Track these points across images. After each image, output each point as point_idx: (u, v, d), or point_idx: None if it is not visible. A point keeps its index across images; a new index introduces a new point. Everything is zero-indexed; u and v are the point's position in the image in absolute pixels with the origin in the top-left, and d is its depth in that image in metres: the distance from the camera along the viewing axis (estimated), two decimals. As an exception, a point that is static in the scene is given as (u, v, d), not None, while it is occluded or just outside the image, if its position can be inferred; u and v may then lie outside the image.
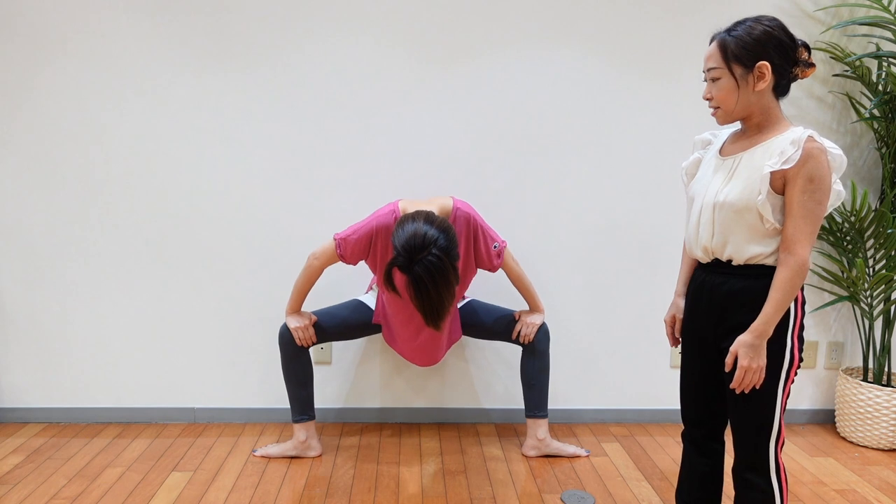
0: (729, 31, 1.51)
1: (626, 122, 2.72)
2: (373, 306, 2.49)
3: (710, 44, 1.55)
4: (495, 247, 2.34)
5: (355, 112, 2.66)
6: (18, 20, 2.55)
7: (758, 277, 1.51)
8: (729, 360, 1.52)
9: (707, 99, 1.57)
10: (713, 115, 1.58)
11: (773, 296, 1.46)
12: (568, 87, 2.69)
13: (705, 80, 1.57)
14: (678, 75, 2.70)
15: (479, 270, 2.55)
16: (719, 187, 1.54)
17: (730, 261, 1.56)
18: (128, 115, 2.62)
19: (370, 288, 2.62)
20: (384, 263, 2.25)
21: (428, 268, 1.93)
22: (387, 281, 1.99)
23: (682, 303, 1.76)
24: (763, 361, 1.48)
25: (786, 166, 1.43)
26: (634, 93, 2.71)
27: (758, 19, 1.49)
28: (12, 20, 2.55)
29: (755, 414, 1.53)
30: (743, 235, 1.51)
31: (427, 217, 2.02)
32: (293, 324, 2.39)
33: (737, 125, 1.64)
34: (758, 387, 1.51)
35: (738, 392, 1.53)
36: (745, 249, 1.51)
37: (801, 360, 1.54)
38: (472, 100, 2.68)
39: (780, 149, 1.46)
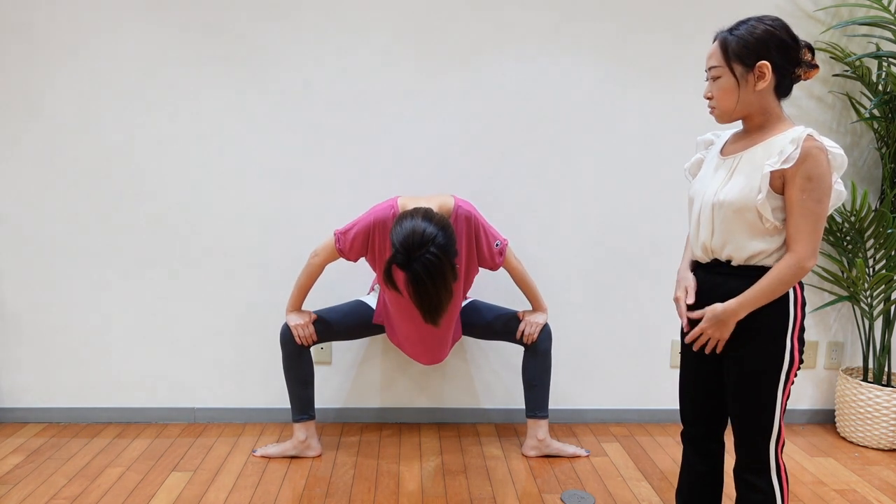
0: (731, 30, 1.51)
1: (628, 123, 2.72)
2: (374, 307, 2.48)
3: (713, 43, 1.55)
4: (497, 245, 2.33)
5: (356, 112, 2.66)
6: (20, 23, 2.55)
7: (757, 278, 1.51)
8: (693, 323, 1.61)
9: (707, 98, 1.57)
10: (711, 113, 1.58)
11: (761, 283, 1.49)
12: (570, 88, 2.69)
13: (707, 80, 1.56)
14: (680, 76, 2.70)
15: (482, 269, 2.55)
16: (718, 187, 1.54)
17: (729, 261, 1.55)
18: (129, 117, 2.62)
19: (372, 289, 2.62)
20: (382, 259, 2.24)
21: (426, 265, 1.93)
22: (387, 278, 1.99)
23: (690, 275, 1.66)
24: (726, 335, 1.53)
25: (785, 166, 1.42)
26: (636, 93, 2.70)
27: (760, 19, 1.49)
28: (14, 22, 2.55)
29: (755, 415, 1.53)
30: (743, 234, 1.51)
31: (425, 214, 2.01)
32: (293, 321, 2.39)
33: (738, 125, 1.63)
34: (708, 352, 1.58)
35: (696, 349, 1.61)
36: (745, 247, 1.51)
37: (801, 361, 1.54)
38: (473, 101, 2.67)
39: (779, 148, 1.45)
